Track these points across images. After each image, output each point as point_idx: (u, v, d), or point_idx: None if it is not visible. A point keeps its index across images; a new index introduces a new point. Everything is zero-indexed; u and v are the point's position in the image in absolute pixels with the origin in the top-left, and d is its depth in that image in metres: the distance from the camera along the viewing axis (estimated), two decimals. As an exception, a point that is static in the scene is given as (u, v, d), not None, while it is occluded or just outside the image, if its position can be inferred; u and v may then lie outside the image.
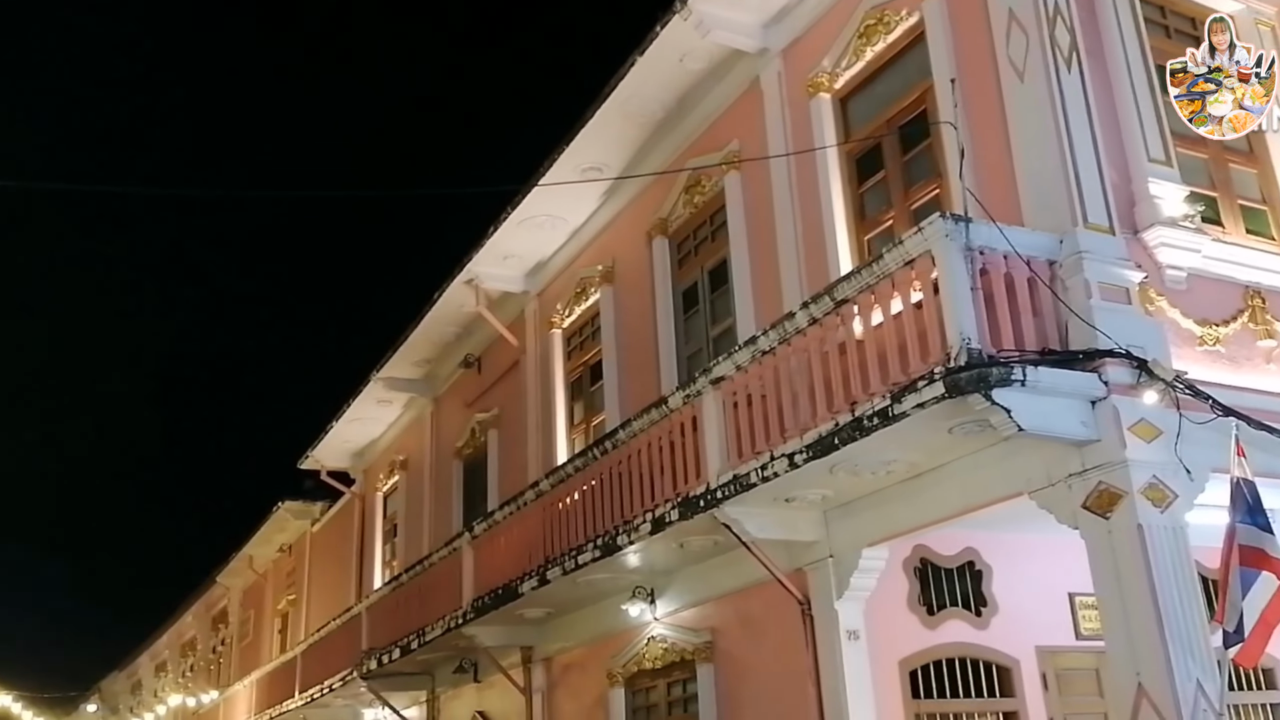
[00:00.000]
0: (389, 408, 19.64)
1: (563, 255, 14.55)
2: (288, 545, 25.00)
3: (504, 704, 13.68)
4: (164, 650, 35.72)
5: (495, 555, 12.48)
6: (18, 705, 28.86)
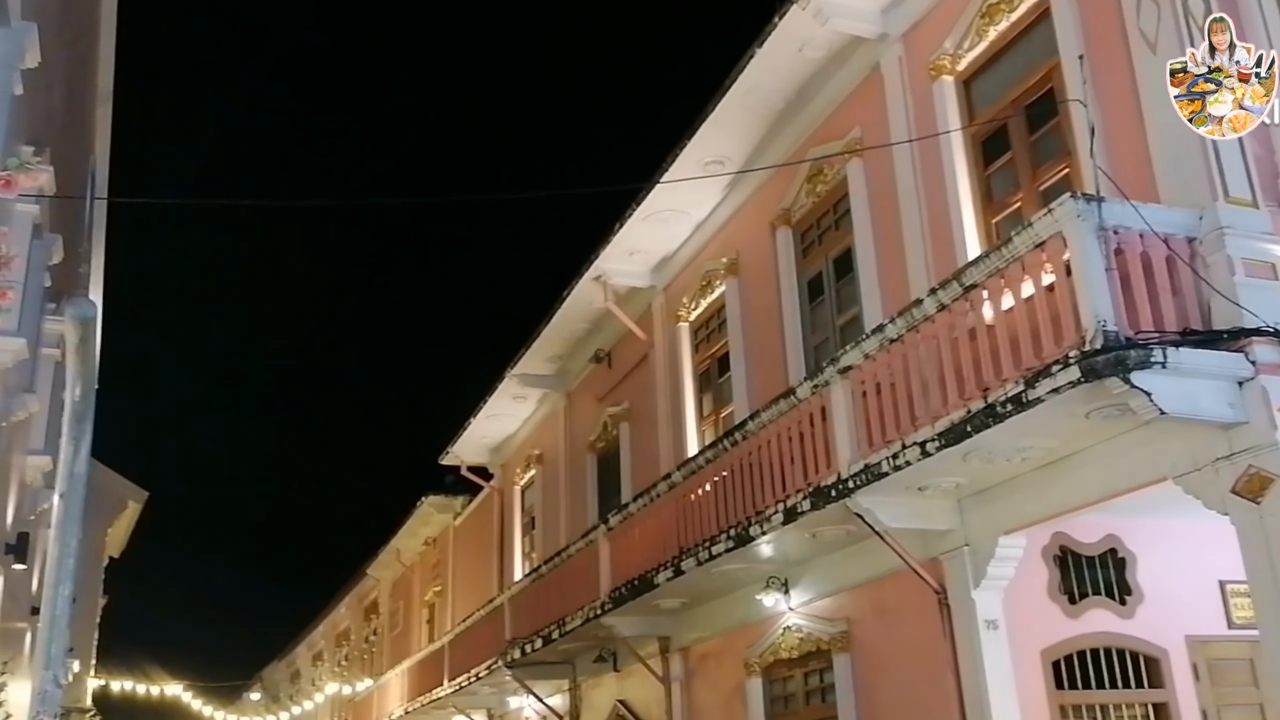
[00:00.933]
0: (524, 404, 20.01)
1: (687, 249, 14.58)
2: (432, 538, 25.70)
3: (644, 693, 13.82)
4: (320, 640, 37.17)
5: (630, 546, 12.60)
6: (188, 694, 30.43)
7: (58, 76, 9.69)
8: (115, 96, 11.76)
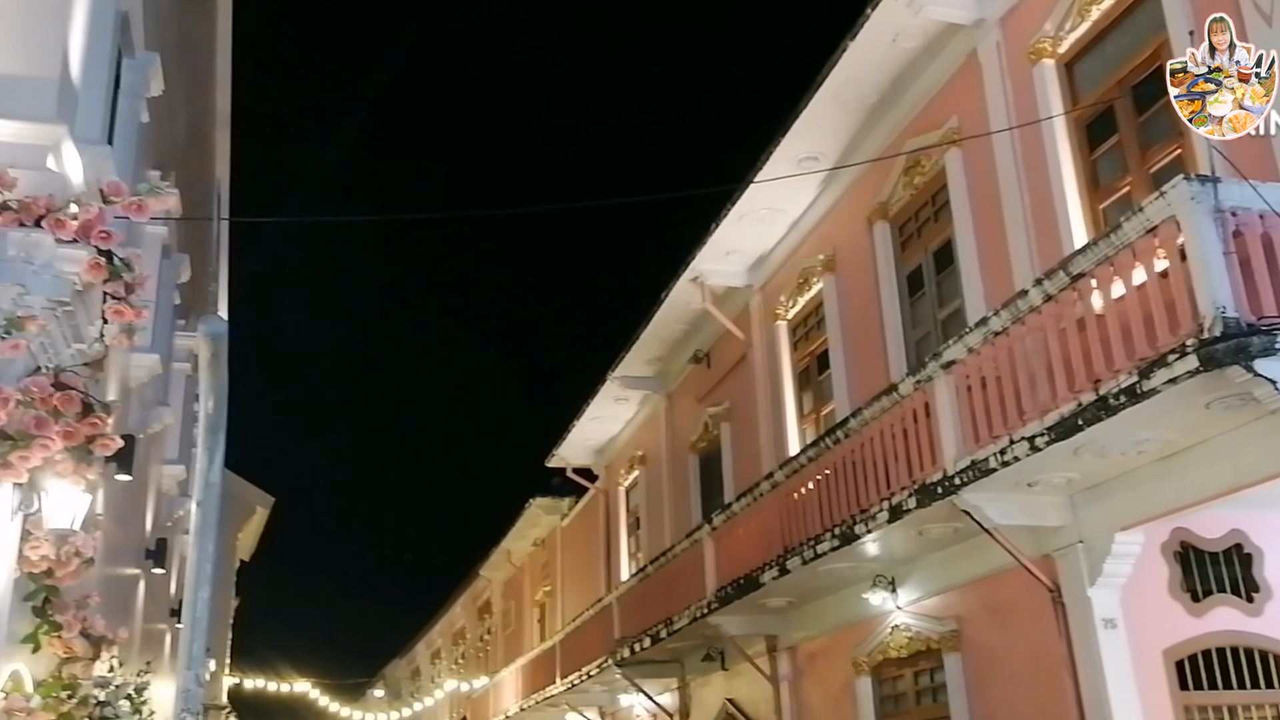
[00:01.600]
0: (625, 405, 20.00)
1: (784, 247, 14.36)
2: (541, 539, 25.91)
3: (752, 692, 13.65)
4: (437, 639, 37.84)
5: (735, 546, 12.45)
6: (315, 691, 31.27)
7: (179, 102, 9.99)
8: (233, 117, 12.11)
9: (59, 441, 5.03)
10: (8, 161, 5.02)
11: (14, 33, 5.41)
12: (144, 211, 5.51)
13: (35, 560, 5.65)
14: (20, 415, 4.89)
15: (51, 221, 5.06)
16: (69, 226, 5.10)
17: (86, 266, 5.17)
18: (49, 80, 5.41)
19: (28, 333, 4.99)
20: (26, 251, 5.02)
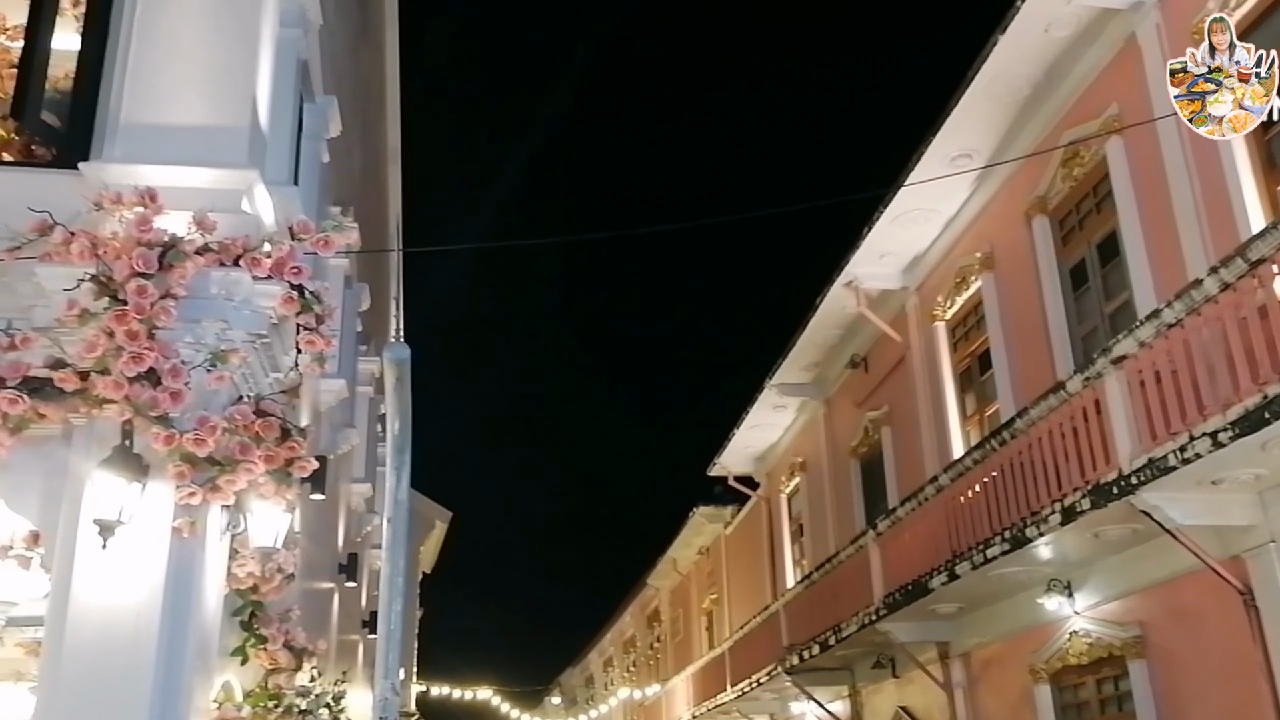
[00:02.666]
0: (784, 412, 19.85)
1: (939, 247, 14.01)
2: (705, 547, 25.92)
3: (925, 699, 13.31)
4: (609, 647, 38.27)
5: (901, 551, 12.19)
6: (496, 699, 32.11)
7: (355, 141, 10.52)
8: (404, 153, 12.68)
9: (261, 465, 5.31)
10: (208, 206, 5.36)
11: (207, 87, 5.78)
12: (330, 247, 5.79)
13: (242, 577, 5.99)
14: (226, 442, 5.19)
15: (248, 260, 5.38)
16: (264, 264, 5.40)
17: (281, 301, 5.46)
18: (240, 129, 5.76)
19: (230, 365, 5.31)
20: (227, 289, 5.34)
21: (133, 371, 4.94)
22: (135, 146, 5.57)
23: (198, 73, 5.79)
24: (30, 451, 5.07)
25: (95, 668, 4.82)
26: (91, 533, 4.85)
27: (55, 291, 5.04)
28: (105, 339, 4.95)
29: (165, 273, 5.11)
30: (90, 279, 5.01)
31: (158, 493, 5.06)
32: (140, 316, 4.98)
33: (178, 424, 5.05)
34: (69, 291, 5.00)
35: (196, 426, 5.07)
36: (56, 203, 5.21)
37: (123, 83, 5.70)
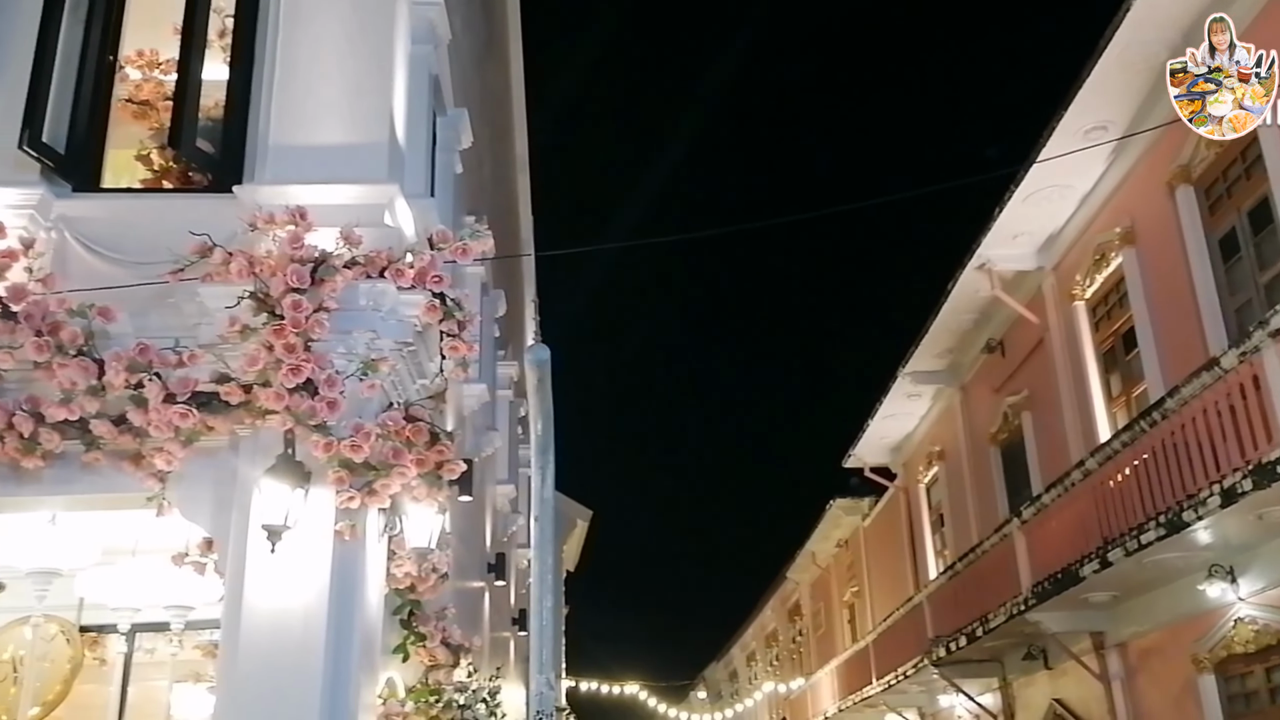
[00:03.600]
0: (918, 401, 19.38)
1: (1075, 224, 13.44)
2: (844, 540, 25.53)
3: (1081, 691, 12.77)
4: (751, 642, 38.07)
5: (1047, 539, 11.74)
6: (643, 694, 32.33)
7: (485, 151, 10.71)
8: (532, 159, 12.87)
9: (413, 469, 5.43)
10: (353, 221, 5.51)
11: (347, 106, 5.95)
12: (468, 254, 5.89)
13: (400, 577, 6.14)
14: (380, 447, 5.32)
15: (393, 271, 5.51)
16: (407, 275, 5.53)
17: (424, 309, 5.58)
18: (380, 145, 5.91)
19: (381, 373, 5.45)
20: (374, 300, 5.49)
21: (292, 383, 5.10)
22: (284, 168, 5.77)
23: (337, 94, 5.97)
24: (201, 462, 5.30)
25: (268, 667, 4.99)
26: (260, 538, 5.03)
27: (217, 309, 5.26)
28: (265, 353, 5.13)
29: (317, 287, 5.26)
30: (249, 296, 5.20)
31: (319, 498, 5.22)
32: (296, 330, 5.14)
33: (335, 431, 5.20)
34: (230, 309, 5.21)
35: (352, 433, 5.21)
36: (214, 225, 5.44)
37: (269, 108, 5.91)
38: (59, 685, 6.56)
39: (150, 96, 7.05)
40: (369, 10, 6.17)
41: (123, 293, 5.32)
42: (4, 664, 6.64)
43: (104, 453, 5.18)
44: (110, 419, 5.10)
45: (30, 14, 5.90)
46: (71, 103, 5.83)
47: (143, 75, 7.07)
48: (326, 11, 6.12)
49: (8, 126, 5.68)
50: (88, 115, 5.91)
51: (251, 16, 6.10)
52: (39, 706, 6.44)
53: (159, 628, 6.68)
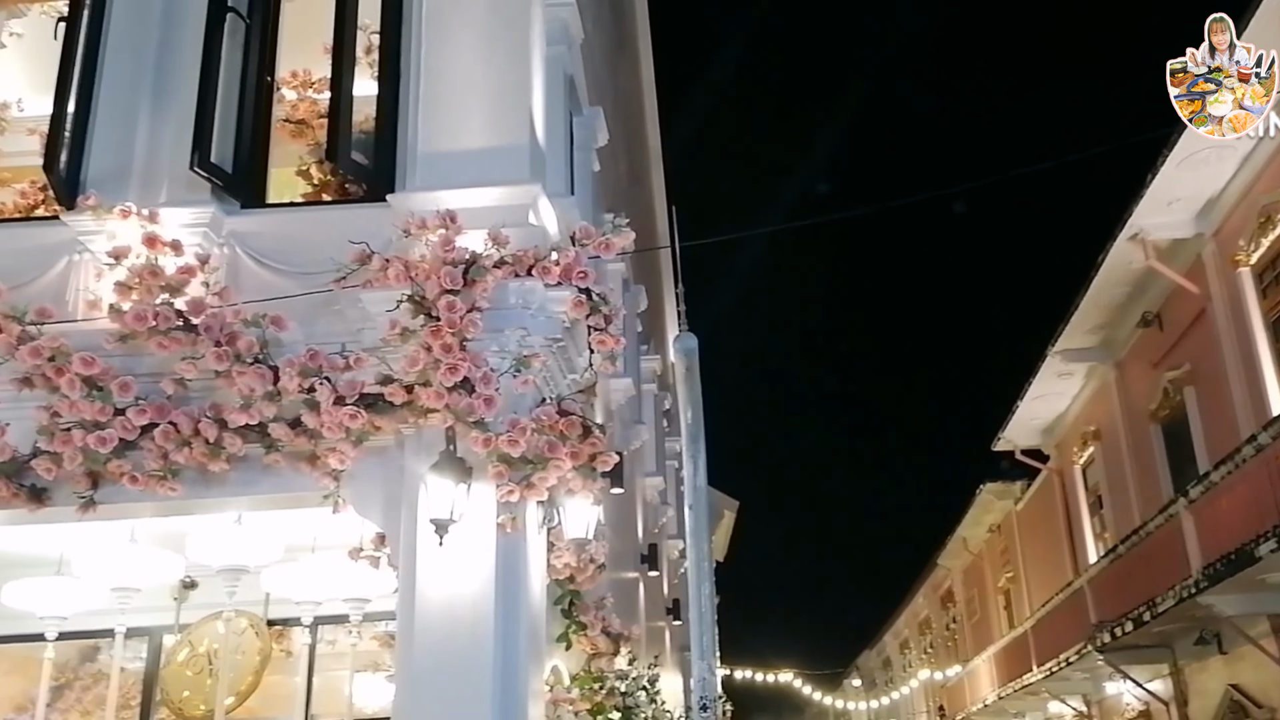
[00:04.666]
0: (1070, 380, 18.57)
1: (1236, 185, 12.63)
2: (996, 525, 24.73)
3: (1261, 677, 12.02)
4: (904, 629, 37.30)
5: (1218, 518, 11.08)
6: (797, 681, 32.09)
7: (620, 148, 10.77)
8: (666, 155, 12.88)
9: (568, 461, 5.48)
10: (499, 222, 5.60)
11: (489, 111, 6.05)
12: (611, 249, 5.91)
13: (560, 568, 6.21)
14: (535, 441, 5.39)
15: (539, 269, 5.57)
16: (553, 272, 5.59)
17: (571, 304, 5.63)
18: (521, 147, 5.98)
19: (533, 369, 5.52)
20: (523, 298, 5.56)
21: (450, 381, 5.21)
22: (432, 174, 5.90)
23: (479, 99, 6.07)
24: (371, 461, 5.47)
25: (442, 655, 5.12)
26: (429, 532, 5.16)
27: (378, 314, 5.41)
28: (424, 353, 5.25)
29: (469, 288, 5.36)
30: (406, 299, 5.33)
31: (481, 493, 5.32)
32: (452, 330, 5.25)
33: (492, 427, 5.29)
34: (390, 313, 5.35)
35: (509, 429, 5.29)
36: (371, 233, 5.60)
37: (416, 117, 6.06)
38: (250, 676, 6.87)
39: (305, 115, 7.33)
40: (505, 16, 6.25)
41: (291, 301, 5.53)
42: (200, 657, 7.00)
43: (282, 455, 5.40)
44: (286, 422, 5.31)
45: (193, 43, 6.19)
46: (235, 124, 6.10)
47: (298, 95, 7.35)
48: (465, 20, 6.23)
49: (179, 150, 5.98)
50: (250, 135, 6.16)
51: (395, 31, 6.25)
52: (233, 696, 6.76)
53: (339, 620, 6.91)
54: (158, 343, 5.34)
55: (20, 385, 5.36)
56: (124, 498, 5.45)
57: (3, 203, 7.35)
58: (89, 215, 5.77)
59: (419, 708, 5.09)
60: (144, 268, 5.50)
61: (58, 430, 5.30)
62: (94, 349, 5.35)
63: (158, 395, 5.38)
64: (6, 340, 5.33)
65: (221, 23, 6.12)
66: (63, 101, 6.05)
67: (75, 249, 5.87)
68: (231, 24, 6.17)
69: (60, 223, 5.89)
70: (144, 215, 5.72)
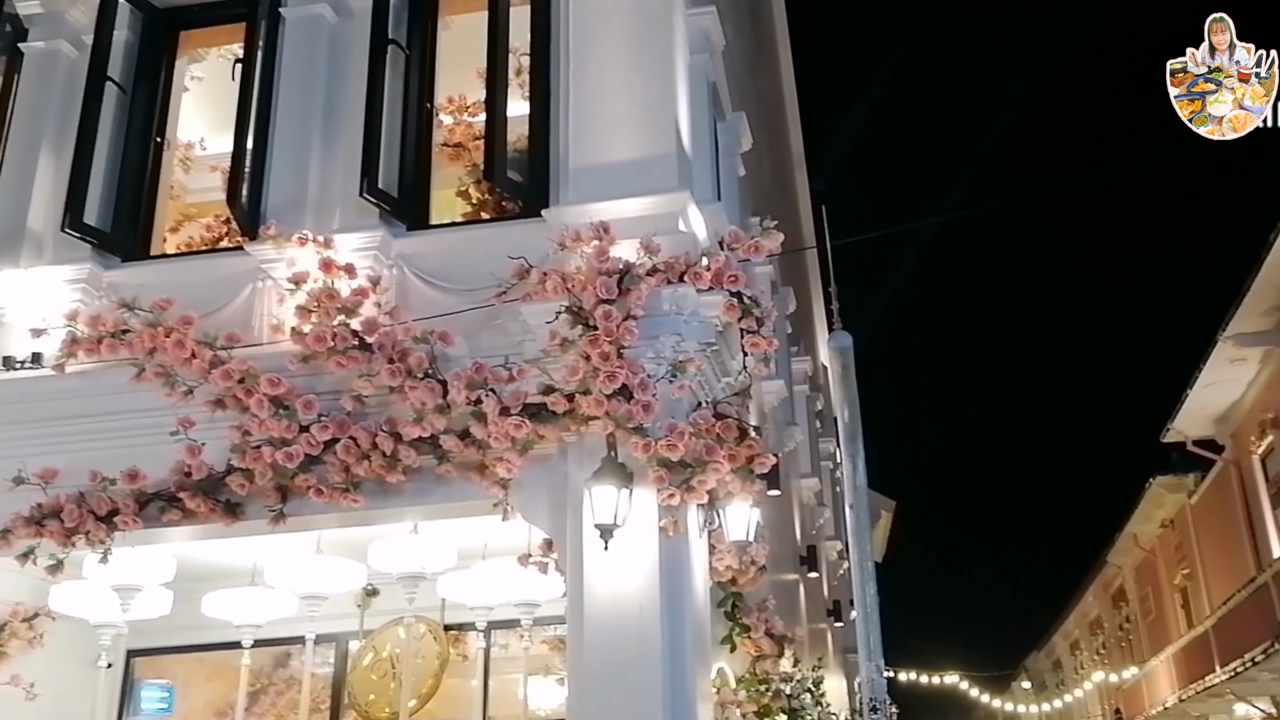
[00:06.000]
0: (1243, 366, 17.36)
1: None
2: (1169, 520, 23.37)
3: None
4: (1073, 629, 35.68)
5: None
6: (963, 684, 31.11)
7: (763, 151, 10.70)
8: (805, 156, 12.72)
9: (726, 464, 5.45)
10: (650, 231, 5.63)
11: (636, 122, 6.10)
12: (760, 252, 5.88)
13: (721, 570, 6.18)
14: (693, 445, 5.39)
15: (691, 275, 5.59)
16: (704, 277, 5.59)
17: (724, 308, 5.61)
18: (668, 156, 6.00)
19: (688, 373, 5.53)
20: (676, 304, 5.57)
21: (609, 389, 5.27)
22: (584, 188, 5.99)
23: (626, 111, 6.12)
24: (536, 469, 5.58)
25: (611, 658, 5.16)
26: (594, 537, 5.21)
27: (538, 326, 5.51)
28: (583, 362, 5.32)
29: (624, 296, 5.42)
30: (565, 311, 5.42)
31: (642, 497, 5.36)
32: (609, 339, 5.31)
33: (651, 433, 5.33)
34: (549, 324, 5.45)
35: (667, 433, 5.32)
36: (528, 248, 5.73)
37: (567, 133, 6.16)
38: (431, 679, 7.10)
39: (462, 138, 7.56)
40: (648, 28, 6.29)
41: (456, 317, 5.70)
42: (383, 661, 7.27)
43: (453, 465, 5.56)
44: (456, 433, 5.46)
45: (358, 76, 6.46)
46: (399, 151, 6.33)
47: (454, 119, 7.57)
48: (609, 35, 6.30)
49: (349, 178, 6.25)
50: (413, 160, 6.39)
51: (544, 51, 6.37)
52: (415, 699, 6.99)
53: (510, 624, 7.06)
54: (336, 362, 5.59)
55: (214, 407, 5.69)
56: (310, 510, 5.72)
57: (191, 237, 7.84)
58: (270, 244, 6.10)
59: (592, 709, 5.14)
60: (321, 291, 5.77)
61: (249, 448, 5.61)
62: (279, 370, 5.65)
63: (338, 412, 5.63)
64: (200, 365, 5.67)
65: (383, 54, 6.36)
66: (242, 138, 6.40)
67: (258, 276, 6.21)
68: (392, 55, 6.41)
69: (244, 253, 6.25)
70: (319, 241, 6.02)
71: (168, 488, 5.70)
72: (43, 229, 6.59)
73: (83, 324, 6.01)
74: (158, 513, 5.71)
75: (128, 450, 5.77)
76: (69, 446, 5.86)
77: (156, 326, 5.76)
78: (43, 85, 6.90)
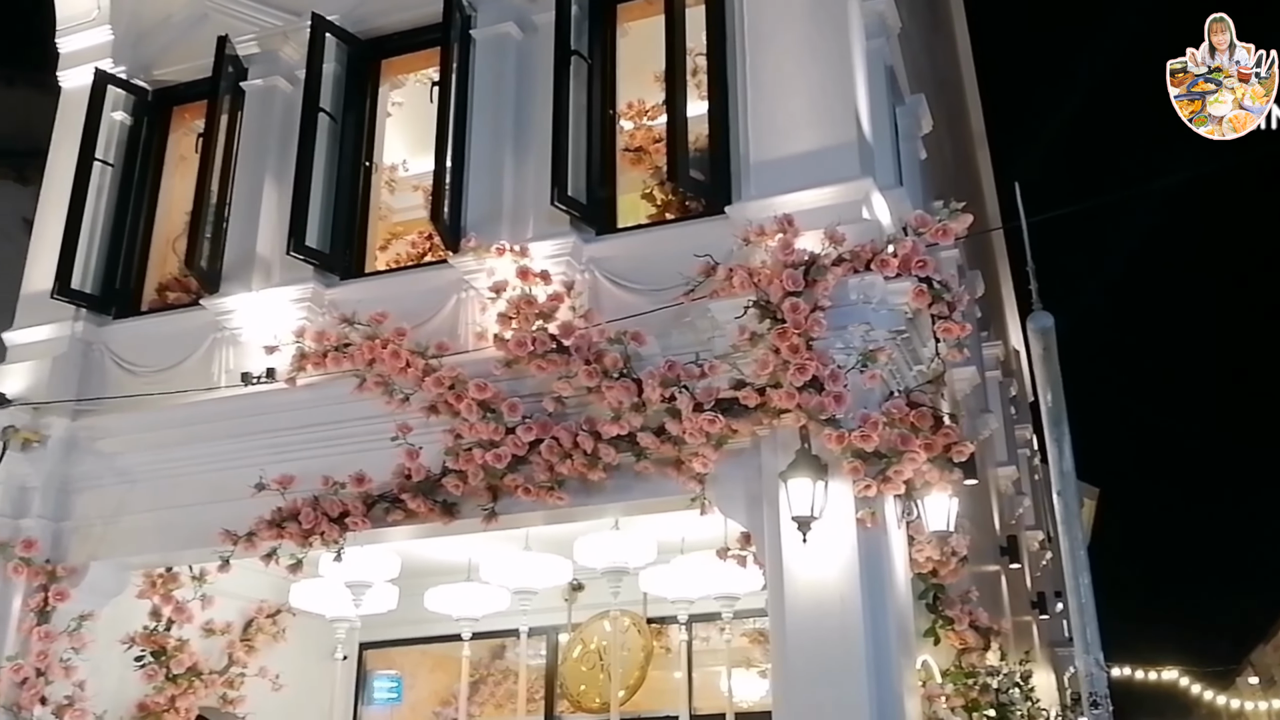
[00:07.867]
0: None
1: None
2: None
3: None
4: (1298, 623, 32.92)
5: None
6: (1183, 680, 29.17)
7: (944, 133, 10.40)
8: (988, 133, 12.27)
9: (922, 453, 5.34)
10: (834, 221, 5.57)
11: (815, 113, 6.04)
12: (948, 235, 5.73)
13: (921, 561, 6.04)
14: (887, 435, 5.30)
15: (878, 263, 5.50)
16: (891, 264, 5.50)
17: (913, 295, 5.50)
18: (849, 144, 5.92)
19: (879, 363, 5.45)
20: (864, 293, 5.49)
21: (800, 381, 5.26)
22: (766, 182, 5.99)
23: (805, 103, 6.08)
24: (731, 463, 5.61)
25: (814, 651, 5.14)
26: (792, 529, 5.21)
27: (727, 322, 5.55)
28: (773, 356, 5.33)
29: (811, 288, 5.40)
30: (752, 305, 5.44)
31: (838, 489, 5.32)
32: (798, 331, 5.30)
33: (844, 424, 5.29)
34: (737, 319, 5.48)
35: (860, 424, 5.26)
36: (712, 245, 5.79)
37: (746, 129, 6.17)
38: (637, 671, 7.26)
39: (643, 142, 7.68)
40: (823, 18, 6.22)
41: (647, 316, 5.82)
42: (591, 653, 7.49)
43: (651, 462, 5.67)
44: (652, 431, 5.57)
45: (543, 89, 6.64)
46: (585, 158, 6.49)
47: (634, 124, 7.71)
48: (784, 28, 6.26)
49: (540, 188, 6.46)
50: (600, 167, 6.55)
51: (720, 50, 6.38)
52: (623, 690, 7.17)
53: (711, 618, 7.13)
54: (537, 365, 5.81)
55: (428, 412, 6.02)
56: (518, 508, 5.95)
57: (398, 253, 8.30)
58: (471, 256, 6.39)
59: (798, 701, 5.14)
60: (520, 298, 6.01)
61: (461, 450, 5.90)
62: (485, 375, 5.91)
63: (540, 413, 5.84)
64: (414, 373, 6.01)
65: (567, 65, 6.54)
66: (441, 157, 6.71)
67: (461, 287, 6.50)
68: (575, 66, 6.58)
69: (448, 265, 6.55)
70: (516, 251, 6.26)
71: (391, 490, 6.06)
72: (270, 253, 7.09)
73: (309, 340, 6.46)
74: (383, 513, 6.08)
75: (354, 455, 6.17)
76: (302, 454, 6.31)
77: (374, 339, 6.13)
78: (263, 120, 7.41)
